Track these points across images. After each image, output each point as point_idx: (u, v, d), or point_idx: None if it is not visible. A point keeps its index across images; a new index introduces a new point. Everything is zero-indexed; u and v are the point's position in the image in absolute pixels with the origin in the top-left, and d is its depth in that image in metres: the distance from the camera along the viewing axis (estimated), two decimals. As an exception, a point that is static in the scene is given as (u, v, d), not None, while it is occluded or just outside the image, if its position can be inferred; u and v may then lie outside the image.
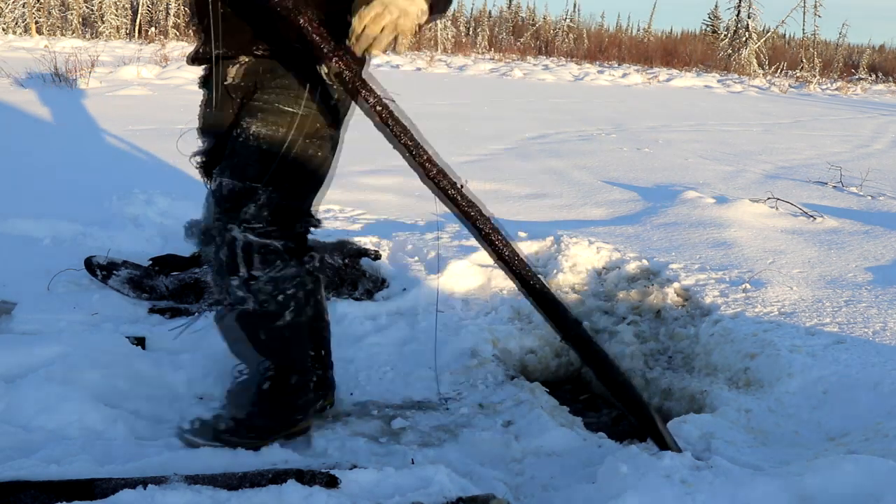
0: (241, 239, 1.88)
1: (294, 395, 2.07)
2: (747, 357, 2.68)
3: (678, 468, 1.84)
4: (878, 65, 37.52)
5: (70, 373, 2.30)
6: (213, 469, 1.83)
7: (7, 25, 36.67)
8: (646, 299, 3.28)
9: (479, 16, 53.97)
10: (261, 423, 2.03)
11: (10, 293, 2.93)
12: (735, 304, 3.06)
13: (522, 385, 2.56)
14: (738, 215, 4.55)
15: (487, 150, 7.47)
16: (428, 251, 3.55)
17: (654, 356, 2.96)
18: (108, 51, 21.22)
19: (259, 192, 1.89)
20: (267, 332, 1.99)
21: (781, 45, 39.93)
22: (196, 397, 2.38)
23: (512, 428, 2.29)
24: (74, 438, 2.01)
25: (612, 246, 3.76)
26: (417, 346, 2.83)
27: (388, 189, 5.27)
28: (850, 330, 2.83)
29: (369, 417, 2.36)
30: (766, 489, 1.75)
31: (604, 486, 1.82)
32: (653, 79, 23.86)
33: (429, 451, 2.14)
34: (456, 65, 26.55)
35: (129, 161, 5.79)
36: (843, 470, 1.76)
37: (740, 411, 2.38)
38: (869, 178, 6.40)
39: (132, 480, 1.70)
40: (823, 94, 22.94)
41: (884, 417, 2.23)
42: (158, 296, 3.02)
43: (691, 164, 7.28)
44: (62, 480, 1.71)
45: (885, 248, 4.01)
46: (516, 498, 1.93)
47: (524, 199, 5.31)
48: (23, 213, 3.89)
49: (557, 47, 44.52)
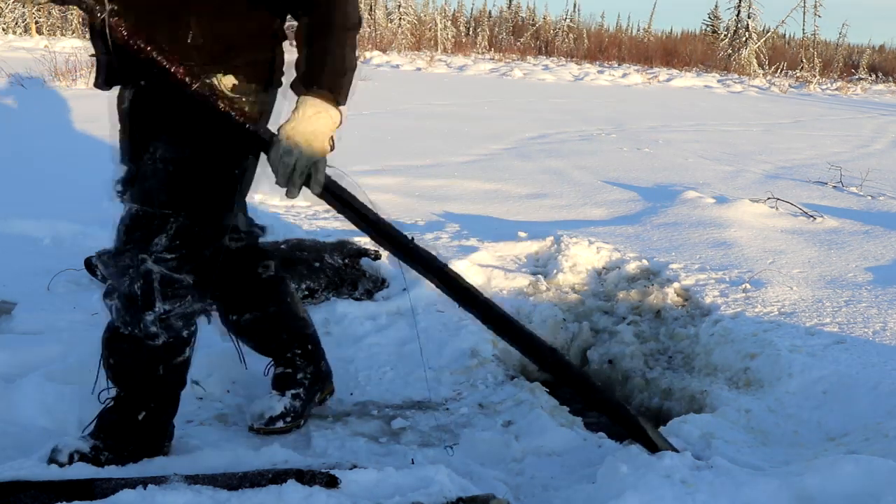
0: (156, 272, 1.80)
1: (168, 423, 2.01)
2: (747, 357, 2.68)
3: (678, 468, 1.84)
4: (878, 65, 37.51)
5: (70, 373, 2.30)
6: (214, 469, 1.83)
7: (7, 25, 36.68)
8: (646, 299, 3.28)
9: (479, 16, 53.97)
10: (132, 450, 1.93)
11: (10, 293, 2.93)
12: (735, 304, 3.06)
13: (522, 385, 2.56)
14: (738, 215, 4.55)
15: (487, 150, 7.47)
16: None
17: (654, 356, 2.96)
18: (108, 51, 21.20)
19: (171, 221, 1.80)
20: (166, 367, 1.91)
21: (781, 45, 39.92)
22: (196, 398, 2.38)
23: (512, 428, 2.29)
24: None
25: (612, 246, 3.77)
26: (417, 346, 2.83)
27: (388, 189, 5.26)
28: (850, 330, 2.83)
29: (369, 417, 2.36)
30: (766, 489, 1.75)
31: (604, 486, 1.82)
32: (653, 79, 23.85)
33: (429, 451, 2.14)
34: (456, 65, 26.54)
35: (129, 161, 5.78)
36: (843, 470, 1.77)
37: (740, 411, 2.38)
38: (869, 178, 6.40)
39: (132, 480, 1.70)
40: (823, 94, 22.94)
41: (884, 417, 2.23)
42: (158, 296, 3.01)
43: (691, 164, 7.28)
44: (62, 480, 1.71)
45: (885, 248, 4.02)
46: (516, 498, 1.93)
47: (524, 199, 5.31)
48: (23, 213, 3.89)
49: (557, 47, 44.50)
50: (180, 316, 1.87)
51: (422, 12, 47.25)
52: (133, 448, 1.92)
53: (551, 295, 3.32)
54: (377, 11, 44.70)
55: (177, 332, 1.88)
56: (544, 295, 3.31)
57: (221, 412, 2.32)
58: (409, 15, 43.77)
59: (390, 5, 45.14)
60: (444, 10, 46.17)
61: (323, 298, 3.15)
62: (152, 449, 1.95)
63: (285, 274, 2.33)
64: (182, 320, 1.88)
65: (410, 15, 43.89)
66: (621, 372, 2.90)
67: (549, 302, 3.24)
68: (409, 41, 40.98)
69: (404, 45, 38.94)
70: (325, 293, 3.17)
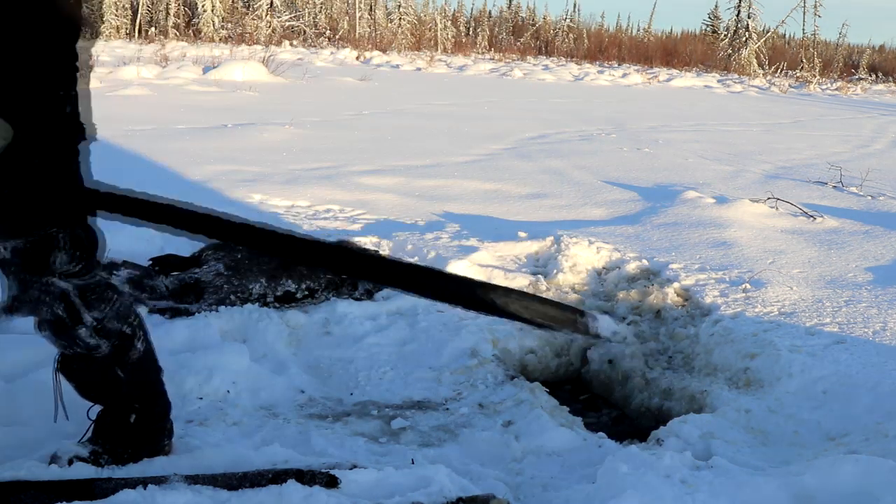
0: (70, 287, 1.73)
1: (163, 419, 2.00)
2: (747, 357, 2.68)
3: (678, 468, 1.84)
4: (878, 65, 37.52)
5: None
6: (214, 469, 1.83)
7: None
8: (646, 299, 3.28)
9: (479, 16, 53.96)
10: (132, 452, 1.92)
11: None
12: (735, 304, 3.06)
13: (522, 385, 2.56)
14: (738, 215, 4.55)
15: (487, 150, 7.47)
16: (428, 251, 3.55)
17: (654, 356, 2.96)
18: (108, 51, 21.21)
19: (59, 236, 1.69)
20: (125, 368, 1.87)
21: (781, 45, 39.92)
22: (196, 398, 2.38)
23: (512, 428, 2.29)
24: (74, 438, 2.01)
25: (612, 246, 3.77)
26: (417, 346, 2.84)
27: (388, 189, 5.27)
28: (850, 330, 2.83)
29: (369, 417, 2.36)
30: (765, 489, 1.75)
31: (604, 486, 1.82)
32: (653, 79, 23.86)
33: (429, 451, 2.14)
34: (456, 65, 26.55)
35: (129, 161, 5.79)
36: (843, 470, 1.77)
37: (740, 411, 2.38)
38: (869, 178, 6.40)
39: (132, 480, 1.70)
40: (823, 94, 22.94)
41: (884, 417, 2.24)
42: (158, 296, 3.02)
43: (691, 164, 7.27)
44: (62, 480, 1.71)
45: (885, 248, 4.02)
46: (516, 498, 1.93)
47: (524, 199, 5.31)
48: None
49: (557, 47, 44.51)
50: (113, 317, 1.82)
51: (422, 12, 47.26)
52: (132, 450, 1.91)
53: (551, 295, 3.32)
54: (377, 11, 44.71)
55: (117, 333, 1.83)
56: (544, 295, 3.31)
57: (222, 412, 2.31)
58: (409, 15, 43.78)
59: (390, 5, 45.18)
60: (444, 10, 46.19)
61: (323, 298, 3.15)
62: (151, 449, 1.94)
63: None
64: (117, 320, 1.83)
65: (410, 15, 43.89)
66: (621, 372, 2.90)
67: (549, 302, 3.24)
68: (409, 41, 40.99)
69: (404, 45, 38.94)
70: (325, 293, 3.17)
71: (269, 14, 34.09)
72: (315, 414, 2.39)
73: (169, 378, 2.45)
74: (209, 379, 2.45)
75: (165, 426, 2.01)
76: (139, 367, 1.91)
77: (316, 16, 42.94)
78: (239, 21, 34.72)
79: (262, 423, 2.27)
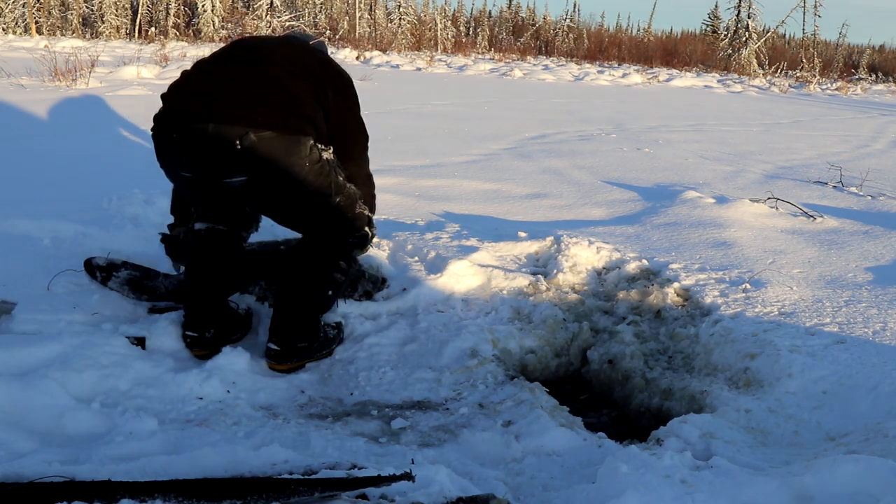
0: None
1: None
2: (747, 357, 2.68)
3: (678, 468, 1.84)
4: (878, 65, 37.53)
5: (70, 373, 2.30)
6: (214, 469, 1.82)
7: (7, 25, 36.67)
8: (646, 299, 3.28)
9: (479, 16, 53.97)
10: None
11: (10, 293, 2.93)
12: (735, 304, 3.06)
13: (522, 385, 2.56)
14: (738, 215, 4.55)
15: (487, 150, 7.46)
16: (428, 251, 3.55)
17: (654, 356, 2.96)
18: (108, 51, 21.21)
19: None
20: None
21: (781, 45, 39.94)
22: (196, 398, 2.38)
23: (512, 428, 2.29)
24: (76, 438, 2.01)
25: (612, 246, 3.77)
26: (417, 346, 2.84)
27: (388, 189, 5.26)
28: (850, 330, 2.83)
29: (369, 417, 2.36)
30: (765, 489, 1.75)
31: (604, 486, 1.82)
32: (653, 79, 23.85)
33: (429, 451, 2.14)
34: (456, 65, 26.55)
35: (129, 161, 5.78)
36: (843, 470, 1.77)
37: (740, 411, 2.38)
38: (869, 178, 6.40)
39: (133, 482, 1.69)
40: (823, 94, 22.94)
41: (884, 417, 2.24)
42: (158, 296, 3.02)
43: (691, 164, 7.27)
44: (62, 480, 1.71)
45: (885, 248, 4.02)
46: (516, 498, 1.93)
47: (524, 199, 5.31)
48: (23, 213, 3.89)
49: (557, 47, 44.52)
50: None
51: (422, 12, 47.26)
52: None
53: (551, 295, 3.32)
54: (377, 11, 44.69)
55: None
56: (544, 295, 3.31)
57: (221, 412, 2.31)
58: (409, 15, 43.76)
59: (390, 5, 45.17)
60: (444, 10, 46.19)
61: (323, 298, 3.14)
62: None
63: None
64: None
65: (410, 15, 43.88)
66: (621, 372, 2.90)
67: (549, 302, 3.24)
68: (409, 41, 40.99)
69: (404, 45, 38.93)
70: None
71: (269, 14, 34.07)
72: (315, 414, 2.39)
73: (169, 378, 2.46)
74: (209, 379, 2.45)
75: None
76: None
77: (316, 16, 42.98)
78: (239, 21, 34.67)
79: (261, 423, 2.27)
